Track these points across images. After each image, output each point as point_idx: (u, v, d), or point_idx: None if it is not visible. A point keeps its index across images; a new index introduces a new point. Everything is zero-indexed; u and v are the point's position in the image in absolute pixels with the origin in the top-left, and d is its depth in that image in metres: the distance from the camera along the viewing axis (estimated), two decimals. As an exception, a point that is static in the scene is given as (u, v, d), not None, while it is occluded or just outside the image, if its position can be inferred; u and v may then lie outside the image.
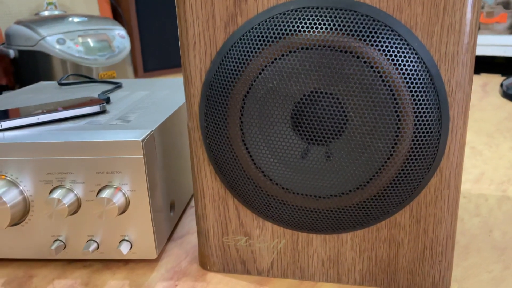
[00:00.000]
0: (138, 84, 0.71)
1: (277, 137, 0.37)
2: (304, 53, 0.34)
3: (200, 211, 0.43)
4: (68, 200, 0.42)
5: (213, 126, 0.38)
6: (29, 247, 0.45)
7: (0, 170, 0.43)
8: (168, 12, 1.68)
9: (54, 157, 0.42)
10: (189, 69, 0.38)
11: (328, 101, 0.35)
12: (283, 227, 0.40)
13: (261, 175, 0.38)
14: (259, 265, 0.43)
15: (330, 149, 0.37)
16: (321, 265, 0.41)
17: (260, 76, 0.35)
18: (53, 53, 1.07)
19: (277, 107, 0.36)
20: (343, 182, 0.37)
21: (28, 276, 0.44)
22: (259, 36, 0.35)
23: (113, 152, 0.42)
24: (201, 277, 0.43)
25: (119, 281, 0.43)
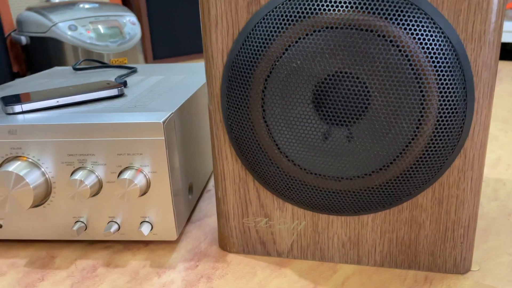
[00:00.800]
0: (152, 69, 0.71)
1: (299, 118, 0.37)
2: (328, 32, 0.33)
3: (220, 193, 0.43)
4: (89, 181, 0.42)
5: (235, 108, 0.38)
6: (50, 228, 0.46)
7: (22, 152, 0.43)
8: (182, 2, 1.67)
9: (75, 139, 0.42)
10: (210, 50, 0.38)
11: (350, 82, 0.34)
12: (304, 208, 0.41)
13: (282, 157, 0.38)
14: (279, 247, 0.43)
15: (351, 131, 0.36)
16: (341, 246, 0.41)
17: (283, 56, 0.35)
18: (65, 40, 1.07)
19: (300, 88, 0.36)
20: (366, 163, 0.37)
21: (50, 257, 0.45)
22: (283, 15, 0.34)
23: (134, 134, 0.42)
24: (221, 258, 0.43)
25: (140, 261, 0.44)
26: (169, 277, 0.41)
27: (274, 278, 0.40)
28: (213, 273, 0.41)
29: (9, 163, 0.43)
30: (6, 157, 0.43)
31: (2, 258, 0.45)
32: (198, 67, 0.71)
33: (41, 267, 0.43)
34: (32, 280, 0.41)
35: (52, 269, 0.43)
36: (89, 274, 0.42)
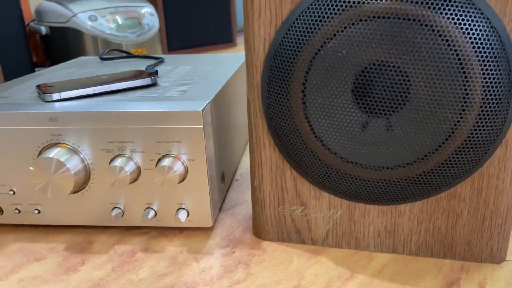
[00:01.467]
0: (178, 59, 0.71)
1: (338, 108, 0.37)
2: (374, 22, 0.34)
3: (256, 181, 0.43)
4: (129, 168, 0.43)
5: (275, 97, 0.39)
6: (88, 214, 0.47)
7: (62, 138, 0.44)
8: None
9: (116, 126, 0.43)
10: (252, 40, 0.38)
11: (391, 72, 0.35)
12: (341, 197, 0.41)
13: (321, 146, 0.39)
14: (314, 235, 0.44)
15: (391, 121, 0.37)
16: (377, 235, 0.42)
17: (328, 45, 0.35)
18: (85, 30, 1.08)
19: (341, 78, 0.36)
20: (405, 153, 0.37)
21: (88, 242, 0.46)
22: (329, 5, 0.35)
23: (174, 122, 0.42)
24: (257, 245, 0.44)
25: (177, 247, 0.44)
26: (207, 262, 0.42)
27: (311, 266, 0.41)
28: (250, 260, 0.42)
29: (49, 150, 0.44)
30: (46, 143, 0.44)
31: (41, 242, 0.46)
32: (224, 57, 0.72)
33: (80, 252, 0.44)
34: (73, 264, 0.42)
35: (92, 254, 0.44)
36: (129, 259, 0.43)
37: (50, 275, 0.41)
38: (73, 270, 0.41)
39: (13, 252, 0.44)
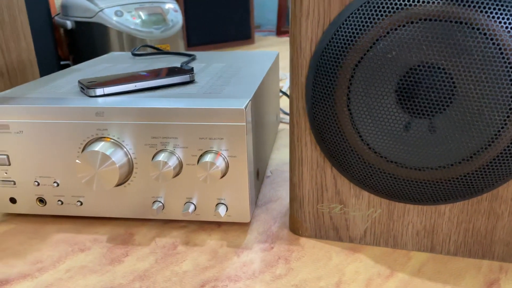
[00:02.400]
0: (209, 56, 0.72)
1: (381, 108, 0.38)
2: (426, 24, 0.34)
3: (296, 179, 0.44)
4: (172, 163, 0.44)
5: (320, 96, 0.39)
6: (129, 207, 0.48)
7: (108, 133, 0.45)
8: (213, -14, 1.68)
9: (160, 122, 0.44)
10: (299, 40, 0.39)
11: (435, 73, 0.35)
12: (381, 197, 0.42)
13: (364, 145, 0.39)
14: (352, 233, 0.44)
15: (434, 122, 0.37)
16: (416, 234, 0.43)
17: (377, 47, 0.36)
18: (110, 25, 1.09)
19: (386, 79, 0.37)
20: (448, 154, 0.37)
21: (129, 234, 0.47)
22: (379, 7, 0.35)
23: (217, 119, 0.43)
24: (295, 241, 0.45)
25: (216, 241, 0.45)
26: (248, 257, 0.43)
27: (350, 263, 0.41)
28: (290, 255, 0.43)
29: (94, 144, 0.45)
30: (91, 137, 0.45)
31: (83, 233, 0.47)
32: (255, 55, 0.72)
33: (122, 243, 0.45)
34: (117, 255, 0.43)
35: (134, 245, 0.45)
36: (170, 251, 0.44)
37: (96, 266, 0.42)
38: (118, 261, 0.43)
39: (57, 242, 0.46)
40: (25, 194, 0.49)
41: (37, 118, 0.45)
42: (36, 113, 0.45)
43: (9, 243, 0.46)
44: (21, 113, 0.45)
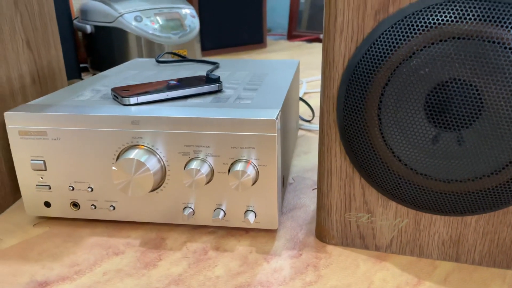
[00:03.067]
0: (232, 64, 0.74)
1: (410, 121, 0.39)
2: (459, 43, 0.35)
3: (325, 188, 0.45)
4: (204, 171, 0.45)
5: (351, 109, 0.41)
6: (160, 212, 0.49)
7: (142, 141, 0.47)
8: (227, -9, 1.69)
9: (194, 131, 0.46)
10: (332, 54, 0.41)
11: (464, 89, 0.36)
12: (408, 207, 0.43)
13: (392, 157, 0.41)
14: (378, 241, 0.46)
15: (462, 135, 0.39)
16: (441, 244, 0.44)
17: (410, 63, 0.37)
18: (130, 30, 1.11)
19: (416, 93, 0.38)
20: (476, 167, 0.39)
21: (161, 238, 0.49)
22: (412, 25, 0.36)
23: (249, 129, 0.45)
24: (322, 249, 0.46)
25: (245, 247, 0.47)
26: (277, 263, 0.44)
27: (378, 271, 0.43)
28: (318, 263, 0.44)
29: (129, 151, 0.46)
30: (127, 145, 0.47)
31: (116, 237, 0.49)
32: (277, 63, 0.74)
33: (155, 248, 0.47)
34: (151, 259, 0.45)
35: (166, 250, 0.46)
36: (202, 256, 0.45)
37: (132, 269, 0.43)
38: (152, 265, 0.44)
39: (92, 246, 0.47)
40: (60, 198, 0.50)
41: (74, 126, 0.47)
42: (73, 120, 0.47)
43: (45, 246, 0.48)
44: (59, 120, 0.47)
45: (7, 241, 0.49)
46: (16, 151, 0.49)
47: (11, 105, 0.56)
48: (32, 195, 0.51)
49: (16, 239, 0.49)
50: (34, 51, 0.61)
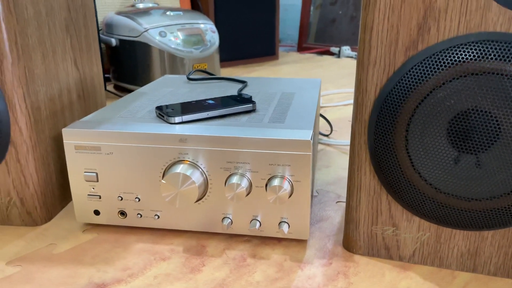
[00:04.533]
0: (259, 82, 0.79)
1: (434, 145, 0.44)
2: (479, 78, 0.40)
3: (354, 203, 0.50)
4: (244, 185, 0.50)
5: (382, 133, 0.45)
6: (201, 221, 0.54)
7: (189, 157, 0.51)
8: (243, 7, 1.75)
9: (235, 149, 0.50)
10: (365, 84, 0.45)
11: (483, 117, 0.41)
12: (430, 222, 0.48)
13: (418, 177, 0.45)
14: (402, 252, 0.50)
15: (480, 158, 0.43)
16: (460, 256, 0.48)
17: (437, 95, 0.42)
18: (154, 44, 1.16)
19: (440, 120, 0.43)
20: (494, 187, 0.43)
21: (201, 246, 0.53)
22: (439, 61, 0.41)
23: (285, 148, 0.49)
24: (350, 258, 0.51)
25: (280, 255, 0.51)
26: (310, 271, 0.48)
27: (402, 279, 0.47)
28: (347, 271, 0.49)
29: (175, 166, 0.51)
30: (173, 160, 0.52)
31: (160, 244, 0.54)
32: (302, 82, 0.78)
33: (197, 254, 0.52)
34: (196, 265, 0.49)
35: (208, 256, 0.51)
36: (241, 263, 0.50)
37: (179, 274, 0.48)
38: (197, 270, 0.49)
39: (140, 251, 0.52)
40: (108, 207, 0.55)
41: (127, 142, 0.52)
42: (125, 137, 0.52)
43: (97, 251, 0.52)
44: (112, 137, 0.52)
45: (61, 245, 0.53)
46: (71, 164, 0.54)
47: (61, 119, 0.61)
48: (83, 204, 0.55)
49: (69, 244, 0.54)
50: (80, 69, 0.66)
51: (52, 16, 0.58)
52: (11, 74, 0.51)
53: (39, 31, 0.55)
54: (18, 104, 0.52)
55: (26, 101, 0.53)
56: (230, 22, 1.74)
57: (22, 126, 0.53)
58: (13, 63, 0.51)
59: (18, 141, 0.53)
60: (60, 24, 0.60)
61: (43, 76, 0.56)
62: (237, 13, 1.75)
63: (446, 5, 0.41)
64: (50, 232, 0.56)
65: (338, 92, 1.32)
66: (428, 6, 0.41)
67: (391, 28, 0.43)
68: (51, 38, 0.58)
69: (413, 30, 0.42)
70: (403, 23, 0.42)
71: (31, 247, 0.53)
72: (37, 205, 0.57)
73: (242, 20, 1.77)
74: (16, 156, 0.54)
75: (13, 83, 0.51)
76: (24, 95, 0.52)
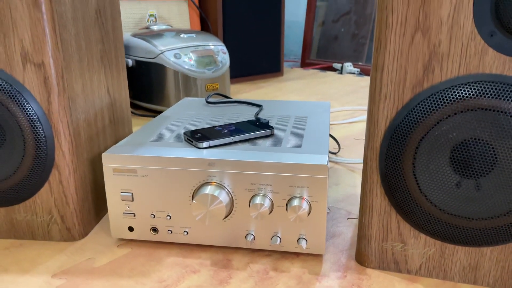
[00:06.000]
0: (272, 105, 0.85)
1: (438, 170, 0.49)
2: (478, 113, 0.46)
3: (366, 221, 0.56)
4: (267, 204, 0.56)
5: (392, 159, 0.51)
6: (226, 237, 0.59)
7: (217, 179, 0.57)
8: (251, 26, 1.82)
9: (259, 173, 0.56)
10: (376, 117, 0.51)
11: (481, 146, 0.47)
12: (435, 239, 0.53)
13: (424, 199, 0.51)
14: (410, 266, 0.55)
15: (479, 182, 0.49)
16: (462, 269, 0.53)
17: (441, 128, 0.47)
18: (169, 66, 1.23)
19: (443, 149, 0.48)
20: (491, 208, 0.49)
21: (227, 260, 0.59)
22: (442, 98, 0.47)
23: (304, 172, 0.55)
24: (362, 271, 0.56)
25: (299, 268, 0.57)
26: (328, 282, 0.54)
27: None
28: (361, 283, 0.54)
29: (203, 187, 0.57)
30: (202, 182, 0.57)
31: (189, 258, 0.59)
32: (312, 105, 0.84)
33: (224, 267, 0.57)
34: (223, 277, 0.55)
35: (234, 270, 0.56)
36: (265, 276, 0.55)
37: (209, 286, 0.53)
38: (225, 282, 0.54)
39: (172, 265, 0.57)
40: (142, 224, 0.60)
41: (161, 165, 0.57)
42: (160, 161, 0.57)
43: (133, 264, 0.57)
44: (147, 161, 0.57)
45: (100, 259, 0.59)
46: (109, 185, 0.59)
47: (96, 143, 0.67)
48: (119, 221, 0.61)
49: (106, 258, 0.59)
50: (111, 96, 0.72)
51: (90, 49, 0.64)
52: (57, 105, 0.57)
53: (80, 63, 0.61)
54: (62, 131, 0.58)
55: (70, 128, 0.59)
56: (237, 41, 1.81)
57: (65, 151, 0.59)
58: (59, 94, 0.57)
59: (61, 164, 0.59)
60: (96, 56, 0.66)
61: (83, 104, 0.62)
62: (244, 32, 1.82)
63: (448, 50, 0.47)
64: (87, 246, 0.62)
65: (343, 109, 1.38)
66: (433, 51, 0.47)
67: (400, 69, 0.49)
68: (89, 69, 0.64)
69: (419, 70, 0.48)
70: (411, 65, 0.48)
71: (72, 261, 0.58)
72: (76, 222, 0.62)
73: (249, 39, 1.84)
74: (59, 178, 0.59)
75: (59, 113, 0.57)
76: (68, 123, 0.58)
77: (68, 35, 0.57)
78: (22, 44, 0.54)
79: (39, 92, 0.56)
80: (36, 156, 0.58)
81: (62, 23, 0.56)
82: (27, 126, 0.56)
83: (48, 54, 0.54)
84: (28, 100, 0.56)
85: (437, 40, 0.47)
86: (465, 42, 0.46)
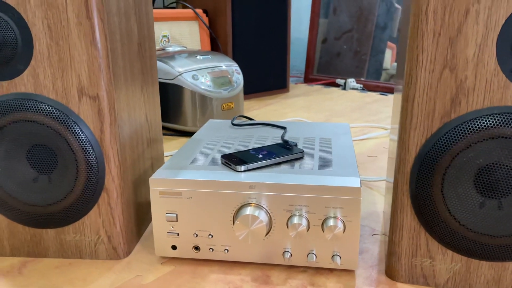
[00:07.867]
0: (295, 127, 0.89)
1: (464, 192, 0.54)
2: (501, 141, 0.51)
3: (396, 239, 0.60)
4: (304, 224, 0.60)
5: (421, 183, 0.56)
6: (264, 254, 0.64)
7: (256, 201, 0.61)
8: (259, 45, 1.88)
9: (296, 194, 0.60)
10: (407, 144, 0.56)
11: (504, 170, 0.52)
12: (462, 255, 0.58)
13: (452, 219, 0.56)
14: (437, 280, 0.60)
15: (501, 202, 0.54)
16: (486, 283, 0.58)
17: (469, 155, 0.52)
18: (187, 86, 1.28)
19: (469, 172, 0.53)
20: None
21: (266, 276, 0.63)
22: (469, 127, 0.52)
23: (339, 194, 0.60)
24: (393, 285, 0.61)
25: (334, 284, 0.61)
26: (363, 297, 0.58)
27: (440, 303, 0.57)
28: (393, 296, 0.58)
29: (244, 208, 0.61)
30: (243, 203, 0.62)
31: (230, 274, 0.63)
32: (333, 127, 0.89)
33: (264, 283, 0.61)
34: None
35: (273, 285, 0.61)
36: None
37: (254, 300, 0.57)
38: (268, 297, 0.58)
39: (215, 281, 0.61)
40: (184, 243, 0.65)
41: (204, 188, 0.62)
42: (203, 184, 0.62)
43: (179, 281, 0.61)
44: (192, 184, 0.62)
45: (147, 277, 0.63)
46: (155, 206, 0.63)
47: (137, 167, 0.71)
48: (163, 240, 0.65)
49: (153, 276, 0.63)
50: (148, 121, 0.76)
51: (134, 80, 0.69)
52: (109, 133, 0.61)
53: (126, 94, 0.66)
54: (112, 157, 0.62)
55: (119, 155, 0.63)
56: (245, 59, 1.87)
57: (114, 176, 0.63)
58: (111, 124, 0.61)
59: (110, 187, 0.63)
60: (138, 86, 0.71)
61: (128, 131, 0.67)
62: (252, 50, 1.88)
63: (473, 85, 0.52)
64: (132, 264, 0.66)
65: (352, 126, 1.44)
66: (459, 85, 0.52)
67: (429, 100, 0.54)
68: (133, 99, 0.69)
69: (447, 102, 0.53)
70: (439, 97, 0.53)
71: (121, 278, 0.62)
72: (121, 241, 0.66)
73: (256, 57, 1.90)
74: (107, 200, 0.64)
75: (110, 140, 0.62)
76: (117, 150, 0.63)
77: (118, 69, 0.62)
78: (79, 79, 0.59)
79: (92, 122, 0.60)
80: (87, 181, 0.62)
81: (114, 59, 0.61)
82: (80, 152, 0.61)
83: (102, 88, 0.59)
84: (82, 129, 0.60)
85: (464, 76, 0.52)
86: (489, 78, 0.51)
